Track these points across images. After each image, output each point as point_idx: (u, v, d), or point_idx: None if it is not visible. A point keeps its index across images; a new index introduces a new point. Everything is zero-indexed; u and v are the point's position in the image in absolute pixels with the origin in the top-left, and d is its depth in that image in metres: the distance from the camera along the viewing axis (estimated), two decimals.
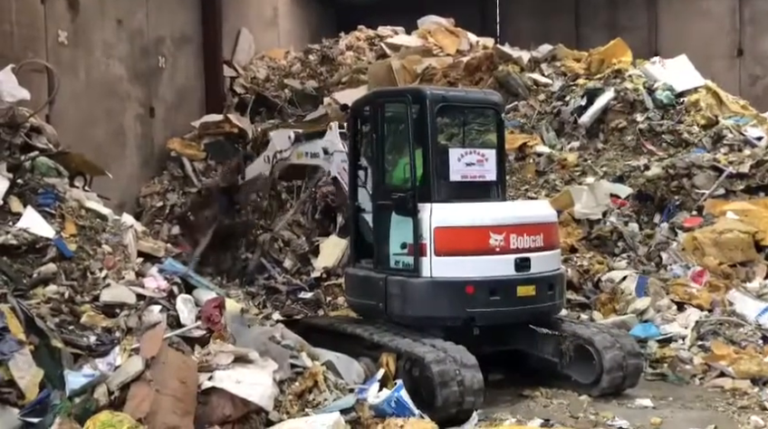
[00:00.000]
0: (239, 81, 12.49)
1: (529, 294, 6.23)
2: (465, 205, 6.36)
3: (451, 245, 6.12)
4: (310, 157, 8.00)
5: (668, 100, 10.31)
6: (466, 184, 6.49)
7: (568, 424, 5.50)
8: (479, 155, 6.52)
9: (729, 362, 6.62)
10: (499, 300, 6.15)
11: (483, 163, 6.50)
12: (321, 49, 13.66)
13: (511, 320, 6.34)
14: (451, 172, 6.41)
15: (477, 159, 6.49)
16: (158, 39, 10.83)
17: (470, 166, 6.46)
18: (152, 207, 10.29)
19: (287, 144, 8.18)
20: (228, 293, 7.14)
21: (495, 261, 6.15)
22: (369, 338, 6.27)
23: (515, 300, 6.20)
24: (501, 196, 6.72)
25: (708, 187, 9.12)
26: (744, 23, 15.23)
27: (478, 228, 6.15)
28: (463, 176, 6.46)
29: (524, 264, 6.23)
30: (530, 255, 6.25)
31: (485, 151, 6.57)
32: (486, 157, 6.52)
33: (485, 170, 6.51)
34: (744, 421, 5.51)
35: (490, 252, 6.12)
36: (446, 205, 6.25)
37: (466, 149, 6.58)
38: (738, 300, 7.57)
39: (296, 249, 10.07)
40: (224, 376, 4.70)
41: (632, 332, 7.22)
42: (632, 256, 8.71)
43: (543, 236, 6.37)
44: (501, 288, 6.16)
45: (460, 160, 6.44)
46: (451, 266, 6.12)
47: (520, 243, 6.22)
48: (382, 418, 5.04)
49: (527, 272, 6.24)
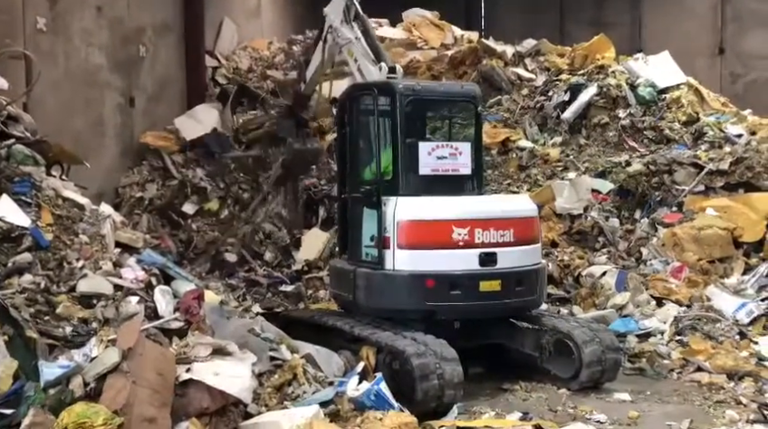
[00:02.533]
0: (221, 72, 12.31)
1: (493, 289, 6.17)
2: (431, 199, 6.31)
3: (413, 239, 6.14)
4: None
5: (650, 97, 10.37)
6: (438, 177, 6.44)
7: (546, 417, 5.53)
8: (452, 148, 6.48)
9: (706, 357, 6.69)
10: (460, 295, 6.12)
11: (456, 156, 6.46)
12: (305, 40, 13.55)
13: (474, 315, 6.27)
14: (420, 165, 6.40)
15: (450, 153, 6.44)
16: (139, 28, 10.67)
17: (442, 160, 6.42)
18: (131, 198, 10.16)
19: (339, 16, 7.53)
20: (208, 285, 7.11)
21: (458, 255, 6.12)
22: (350, 331, 6.27)
23: (478, 294, 6.14)
24: (477, 190, 6.64)
25: (688, 184, 9.20)
26: (726, 22, 15.37)
27: (441, 222, 6.15)
28: (434, 170, 6.43)
29: (490, 259, 6.17)
30: (496, 250, 6.18)
31: (459, 144, 6.53)
32: (460, 150, 6.48)
33: (459, 164, 6.46)
34: (720, 415, 5.58)
35: (453, 246, 6.11)
36: (412, 199, 6.26)
37: (438, 143, 6.55)
38: (716, 296, 7.66)
39: (277, 241, 10.01)
40: (202, 368, 4.66)
41: (611, 327, 7.28)
42: (612, 251, 8.78)
43: (514, 231, 6.27)
44: (462, 282, 6.13)
45: (431, 154, 6.42)
46: (413, 259, 6.14)
47: (485, 237, 6.16)
48: (361, 411, 5.05)
49: (492, 267, 6.17)
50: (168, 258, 5.98)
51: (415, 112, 6.69)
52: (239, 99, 11.93)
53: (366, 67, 7.03)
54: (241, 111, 11.71)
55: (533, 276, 6.48)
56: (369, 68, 6.98)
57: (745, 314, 7.35)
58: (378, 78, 6.81)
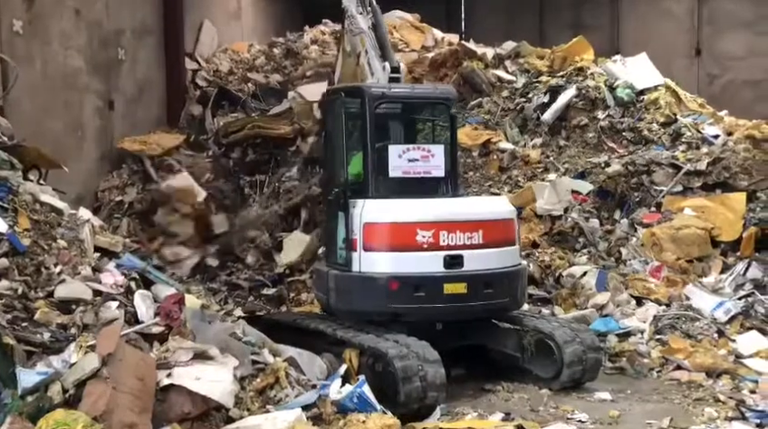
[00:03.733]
0: (201, 74, 12.29)
1: (458, 292, 6.12)
2: (398, 202, 6.32)
3: (378, 241, 6.17)
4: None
5: (629, 98, 10.46)
6: (410, 180, 6.44)
7: (528, 417, 5.56)
8: (424, 151, 6.47)
9: (685, 355, 6.77)
10: (424, 297, 6.11)
11: (428, 159, 6.43)
12: (286, 42, 13.54)
13: (439, 318, 6.25)
14: (391, 168, 6.41)
15: (422, 155, 6.43)
16: (118, 30, 10.60)
17: (413, 163, 6.42)
18: (111, 202, 10.09)
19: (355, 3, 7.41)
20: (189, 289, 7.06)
21: (422, 257, 6.11)
22: (333, 333, 6.26)
23: (442, 297, 6.12)
24: (451, 192, 6.59)
25: (667, 184, 9.30)
26: (703, 24, 15.55)
27: (405, 224, 6.15)
28: (405, 173, 6.42)
29: (455, 262, 6.14)
30: (463, 252, 6.14)
31: (432, 147, 6.51)
32: (433, 152, 6.45)
33: (432, 166, 6.43)
34: (699, 413, 5.64)
35: (417, 248, 6.11)
36: (378, 202, 6.28)
37: (410, 145, 6.52)
38: (694, 295, 7.75)
39: (259, 245, 9.98)
40: (183, 372, 4.63)
41: (592, 327, 7.33)
42: (593, 252, 8.84)
43: (483, 233, 6.21)
44: (426, 285, 6.11)
45: (402, 156, 6.41)
46: (377, 261, 6.16)
47: (451, 239, 6.14)
48: (344, 414, 5.04)
49: (458, 270, 6.14)
50: (147, 262, 5.94)
51: (386, 115, 6.71)
52: (220, 101, 11.90)
53: (373, 62, 6.98)
54: (221, 114, 11.68)
55: (507, 278, 6.38)
56: (375, 63, 6.95)
57: (723, 312, 7.43)
58: (381, 76, 6.81)
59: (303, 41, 13.60)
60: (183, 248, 9.71)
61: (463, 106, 10.94)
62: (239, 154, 10.93)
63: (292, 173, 10.48)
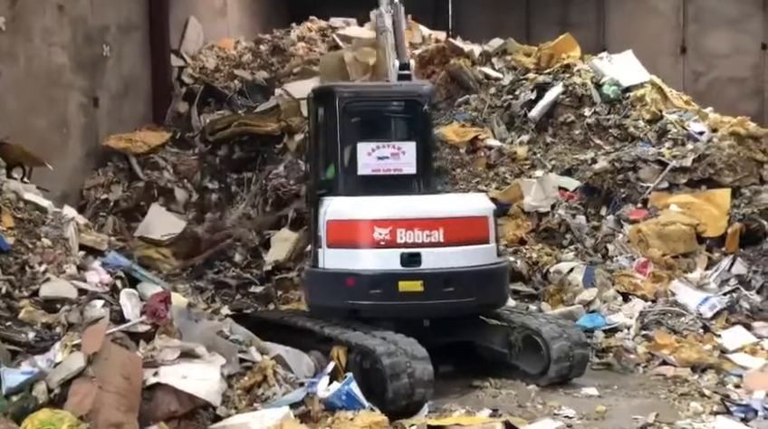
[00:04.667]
0: (187, 71, 12.19)
1: (414, 290, 6.11)
2: (361, 199, 6.35)
3: (339, 238, 6.28)
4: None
5: (615, 95, 10.50)
6: (380, 178, 6.42)
7: (516, 413, 5.57)
8: (394, 148, 6.43)
9: (671, 351, 6.82)
10: (380, 294, 6.14)
11: (398, 156, 6.40)
12: (273, 39, 13.47)
13: (397, 315, 6.23)
14: (360, 166, 6.42)
15: (392, 153, 6.40)
16: (103, 27, 10.51)
17: (383, 160, 6.41)
18: (96, 200, 10.02)
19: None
20: (175, 287, 7.04)
21: (379, 254, 6.15)
22: (320, 331, 6.26)
23: (398, 295, 6.12)
24: (423, 190, 6.50)
25: (653, 181, 9.36)
26: (688, 21, 15.66)
27: (363, 222, 6.20)
28: (374, 170, 6.42)
29: (413, 259, 6.12)
30: (421, 250, 6.11)
31: (402, 144, 6.44)
32: (403, 149, 6.40)
33: (402, 163, 6.39)
34: (684, 407, 5.67)
35: (374, 245, 6.14)
36: (343, 199, 6.36)
37: (379, 143, 6.48)
38: (680, 291, 7.80)
39: (247, 243, 9.94)
40: (169, 371, 4.61)
41: (579, 323, 7.35)
42: (579, 248, 8.87)
43: (444, 231, 6.13)
44: (381, 282, 6.15)
45: (371, 154, 6.41)
46: (338, 258, 6.27)
47: (409, 237, 6.13)
48: (332, 411, 5.04)
49: (415, 268, 6.12)
50: (133, 260, 5.90)
51: (357, 114, 6.69)
52: (206, 98, 11.84)
53: (388, 59, 7.07)
54: (208, 111, 11.62)
55: (477, 277, 6.27)
56: (389, 61, 7.03)
57: (708, 308, 7.49)
58: (393, 73, 6.84)
59: (290, 38, 13.53)
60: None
61: (450, 103, 10.94)
62: (226, 151, 10.88)
63: (279, 170, 10.45)
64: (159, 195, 10.39)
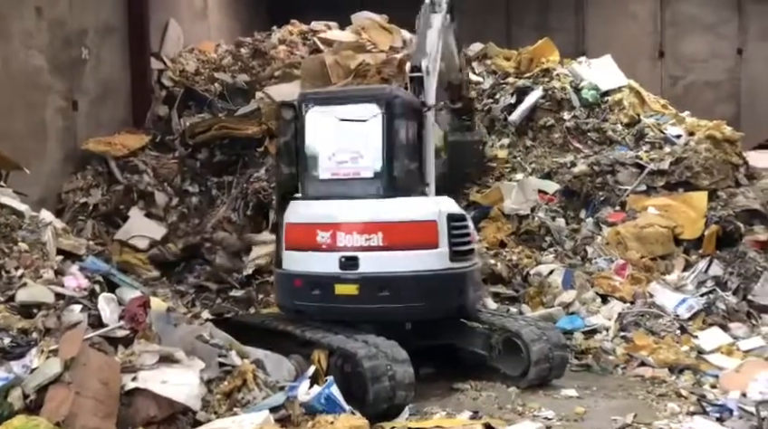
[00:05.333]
0: (167, 74, 12.11)
1: (350, 293, 6.16)
2: (314, 203, 6.49)
3: (293, 240, 6.49)
4: None
5: (594, 99, 10.62)
6: (339, 181, 6.45)
7: (496, 415, 5.60)
8: (353, 152, 6.43)
9: (649, 352, 6.90)
10: (319, 296, 6.28)
11: (357, 160, 6.40)
12: (253, 42, 13.43)
13: (334, 318, 6.28)
14: (321, 170, 6.48)
15: (351, 157, 6.42)
16: (81, 29, 10.42)
17: (342, 164, 6.43)
18: (75, 204, 9.91)
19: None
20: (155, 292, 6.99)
21: (320, 257, 6.27)
22: (301, 335, 6.25)
23: (334, 297, 6.22)
24: (384, 192, 6.38)
25: (631, 183, 9.47)
26: (666, 26, 15.85)
27: (309, 225, 6.37)
28: (333, 174, 6.46)
29: (351, 263, 6.17)
30: (358, 254, 6.15)
31: (362, 148, 6.43)
32: (362, 153, 6.40)
33: (360, 167, 6.39)
34: (662, 408, 5.74)
35: (317, 248, 6.28)
36: (301, 203, 6.57)
37: (339, 147, 6.49)
38: (658, 292, 7.90)
39: (227, 246, 9.89)
40: (148, 376, 4.57)
41: (559, 324, 7.43)
42: (559, 250, 8.96)
43: (383, 235, 6.13)
44: (321, 284, 6.28)
45: (331, 158, 6.45)
46: (292, 260, 6.51)
47: (348, 241, 6.18)
48: (312, 415, 5.02)
49: (353, 271, 6.16)
50: (112, 265, 5.85)
51: (321, 118, 6.68)
52: (186, 102, 11.77)
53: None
54: (188, 114, 11.55)
55: (419, 283, 6.19)
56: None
57: (686, 309, 7.59)
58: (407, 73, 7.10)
59: (271, 41, 13.50)
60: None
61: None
62: (206, 155, 10.82)
63: (260, 174, 10.42)
64: (139, 198, 10.30)
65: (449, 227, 6.30)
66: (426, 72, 6.90)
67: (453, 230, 6.34)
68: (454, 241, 6.33)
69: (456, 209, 6.65)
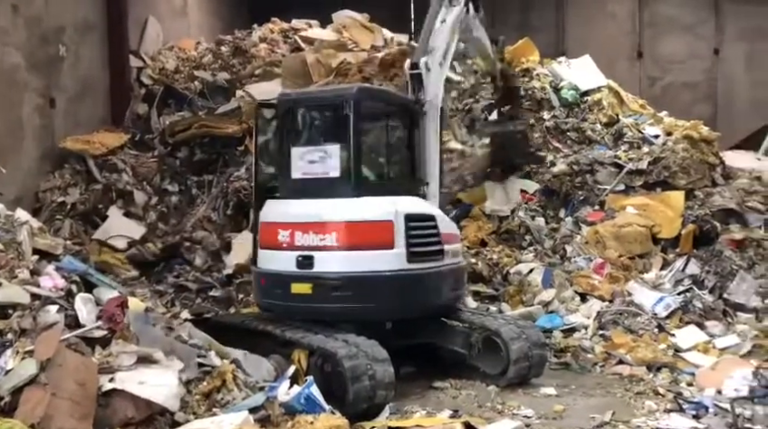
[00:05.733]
0: (147, 72, 12.03)
1: (304, 292, 6.22)
2: (284, 202, 6.55)
3: (264, 239, 6.62)
4: None
5: (573, 99, 10.70)
6: (310, 181, 6.48)
7: (476, 414, 5.62)
8: (322, 152, 6.47)
9: (627, 350, 6.96)
10: (279, 294, 6.40)
11: (325, 160, 6.43)
12: (234, 40, 13.36)
13: (291, 316, 6.39)
14: (293, 170, 6.54)
15: (320, 156, 6.46)
16: (59, 26, 10.30)
17: (312, 164, 6.46)
18: (52, 203, 9.80)
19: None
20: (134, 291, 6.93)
21: (281, 256, 6.38)
22: (281, 335, 6.23)
23: (291, 296, 6.30)
24: (351, 193, 6.35)
25: (610, 183, 9.55)
26: (644, 27, 15.99)
27: (274, 224, 6.50)
28: (305, 174, 6.49)
29: (306, 262, 6.22)
30: (313, 253, 6.19)
31: (330, 148, 6.44)
32: (330, 153, 6.41)
33: (329, 167, 6.41)
34: (640, 406, 5.79)
35: (279, 247, 6.40)
36: (273, 202, 6.64)
37: (309, 147, 6.55)
38: (636, 291, 7.97)
39: (207, 246, 9.84)
40: (126, 377, 4.53)
41: (538, 323, 7.48)
42: (539, 249, 9.01)
43: (338, 235, 6.14)
44: (280, 283, 6.40)
45: (302, 158, 6.50)
46: (263, 259, 6.64)
47: (304, 240, 6.24)
48: (292, 415, 5.01)
49: (307, 270, 6.22)
50: (89, 265, 5.79)
51: (295, 119, 6.79)
52: (165, 100, 11.69)
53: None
54: (168, 113, 11.47)
55: (372, 283, 6.15)
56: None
57: (663, 308, 7.67)
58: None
59: (252, 39, 13.45)
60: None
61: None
62: (186, 153, 10.76)
63: (240, 172, 10.37)
64: (118, 197, 10.22)
65: (407, 228, 6.21)
66: (426, 69, 6.91)
67: (412, 230, 6.25)
68: (413, 241, 6.25)
69: (419, 210, 6.52)
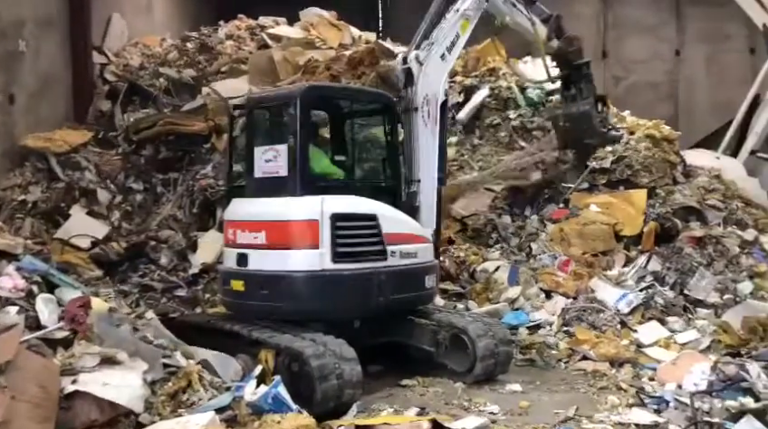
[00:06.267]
0: (110, 69, 11.85)
1: (238, 289, 6.44)
2: (244, 201, 6.74)
3: (224, 238, 6.84)
4: None
5: (538, 98, 10.81)
6: (266, 179, 6.59)
7: (443, 411, 5.65)
8: (275, 151, 6.55)
9: (590, 346, 7.07)
10: (225, 291, 6.72)
11: (276, 159, 6.51)
12: (200, 37, 13.24)
13: (232, 311, 6.68)
14: (255, 169, 6.66)
15: (273, 155, 6.55)
16: (18, 21, 10.08)
17: (268, 163, 6.57)
18: (13, 201, 9.59)
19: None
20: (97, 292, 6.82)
21: (229, 254, 6.66)
22: (248, 334, 6.19)
23: (231, 293, 6.55)
24: (296, 191, 6.35)
25: (574, 182, 9.67)
26: (608, 28, 16.24)
27: (227, 223, 6.80)
28: (263, 173, 6.60)
29: (243, 260, 6.44)
30: (248, 251, 6.39)
31: (279, 147, 6.51)
32: (280, 152, 6.48)
33: (279, 166, 6.49)
34: (603, 401, 5.88)
35: (228, 245, 6.70)
36: (234, 201, 6.86)
37: (266, 147, 6.64)
38: (599, 288, 8.10)
39: (173, 245, 9.72)
40: (89, 378, 4.47)
41: (504, 320, 7.56)
42: (505, 247, 9.10)
43: (266, 234, 6.28)
44: (225, 280, 6.70)
45: (261, 157, 6.62)
46: (224, 256, 6.88)
47: (243, 238, 6.47)
48: (259, 415, 4.99)
49: (243, 268, 6.44)
50: (51, 264, 5.69)
51: (257, 118, 6.96)
52: (130, 97, 11.52)
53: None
54: (132, 110, 11.31)
55: (292, 282, 6.19)
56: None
57: (626, 304, 7.80)
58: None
59: (218, 36, 13.34)
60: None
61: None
62: (151, 151, 10.62)
63: (206, 170, 10.27)
64: (81, 196, 10.04)
65: (335, 227, 6.18)
66: (417, 63, 6.95)
67: (340, 230, 6.20)
68: (340, 241, 6.20)
69: (354, 209, 6.40)
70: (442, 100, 7.20)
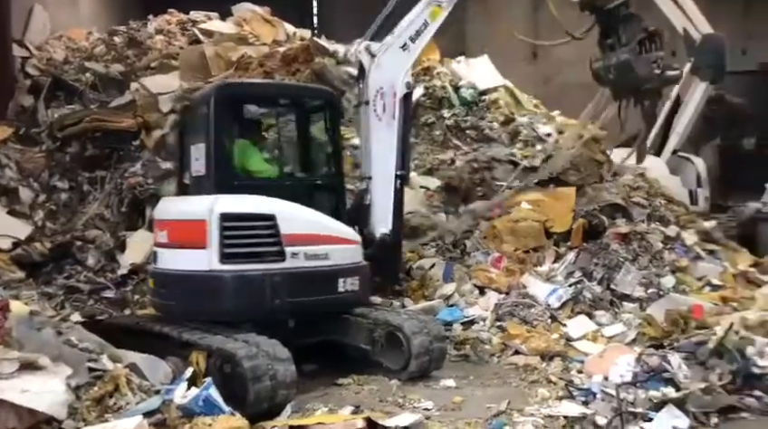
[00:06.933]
0: (32, 62, 11.39)
1: (151, 286, 6.79)
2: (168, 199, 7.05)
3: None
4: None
5: (472, 98, 10.98)
6: (193, 178, 6.69)
7: (377, 408, 5.66)
8: (199, 150, 6.60)
9: (522, 340, 7.21)
10: (149, 289, 7.02)
11: (200, 158, 6.56)
12: (128, 31, 12.86)
13: (152, 308, 6.90)
14: (191, 168, 6.76)
15: (198, 154, 6.62)
16: None
17: (197, 161, 6.64)
18: None
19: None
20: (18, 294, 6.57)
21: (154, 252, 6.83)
22: (179, 336, 6.06)
23: (150, 290, 6.85)
24: (211, 190, 6.34)
25: (506, 180, 9.86)
26: (539, 29, 16.61)
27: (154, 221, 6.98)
28: (195, 172, 6.68)
29: (154, 258, 6.70)
30: (158, 250, 6.62)
31: (201, 145, 6.54)
32: (201, 151, 6.52)
33: (201, 165, 6.55)
34: (534, 394, 6.00)
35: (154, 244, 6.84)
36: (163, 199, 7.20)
37: (195, 146, 6.69)
38: (531, 283, 8.27)
39: (100, 245, 9.42)
40: (7, 385, 4.28)
41: (439, 316, 7.63)
42: (440, 244, 9.19)
43: (168, 233, 6.49)
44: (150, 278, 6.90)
45: (192, 156, 6.73)
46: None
47: (159, 237, 6.66)
48: (190, 418, 4.88)
49: (153, 266, 6.71)
50: None
51: (189, 117, 7.11)
52: (54, 92, 11.10)
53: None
54: (56, 105, 10.90)
55: (180, 282, 6.21)
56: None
57: (556, 299, 7.99)
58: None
59: (147, 30, 12.98)
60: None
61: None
62: (77, 148, 10.26)
63: (135, 168, 10.00)
64: (2, 194, 9.65)
65: (223, 228, 6.04)
66: (369, 55, 6.87)
67: (230, 231, 6.06)
68: (230, 242, 6.06)
69: (249, 209, 6.20)
70: (403, 93, 7.08)
